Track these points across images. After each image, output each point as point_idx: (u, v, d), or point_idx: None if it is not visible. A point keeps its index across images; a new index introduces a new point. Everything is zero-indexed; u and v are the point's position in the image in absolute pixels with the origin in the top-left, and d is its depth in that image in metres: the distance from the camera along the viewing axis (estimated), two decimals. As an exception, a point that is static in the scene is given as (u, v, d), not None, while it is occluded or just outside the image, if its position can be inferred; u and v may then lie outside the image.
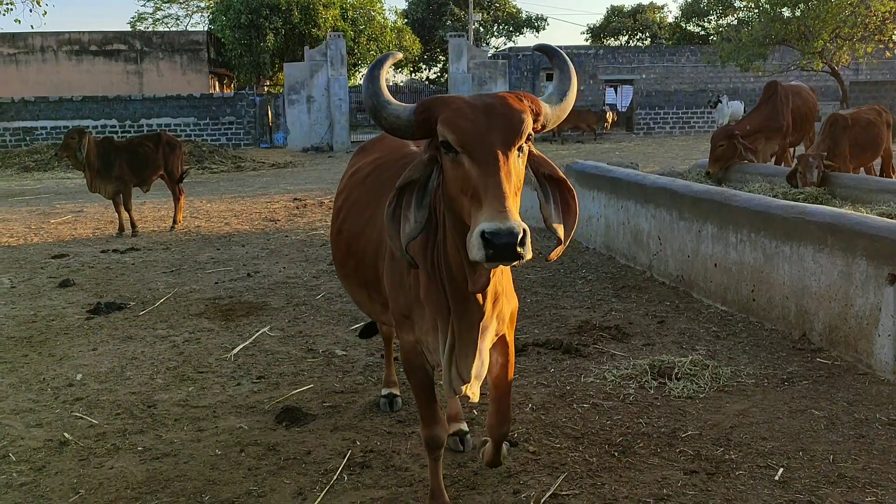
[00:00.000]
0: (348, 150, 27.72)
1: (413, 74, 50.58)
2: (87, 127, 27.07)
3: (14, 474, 3.57)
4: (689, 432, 3.71)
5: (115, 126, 27.79)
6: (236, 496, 3.30)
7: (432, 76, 49.38)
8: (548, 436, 3.75)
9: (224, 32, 31.77)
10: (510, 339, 2.91)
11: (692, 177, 9.04)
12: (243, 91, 30.17)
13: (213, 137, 28.34)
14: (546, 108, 2.40)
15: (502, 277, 2.63)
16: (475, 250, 2.04)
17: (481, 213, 2.07)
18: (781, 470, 3.30)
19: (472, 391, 2.66)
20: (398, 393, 4.23)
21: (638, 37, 49.76)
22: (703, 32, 42.11)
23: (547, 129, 2.44)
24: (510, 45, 48.33)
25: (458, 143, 2.21)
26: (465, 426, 3.73)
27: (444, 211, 2.40)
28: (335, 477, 3.43)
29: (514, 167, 2.19)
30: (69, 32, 31.45)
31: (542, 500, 3.16)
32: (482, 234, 2.02)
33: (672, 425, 3.79)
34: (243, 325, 5.93)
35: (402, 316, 2.86)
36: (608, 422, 3.87)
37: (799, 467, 3.33)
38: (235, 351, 5.26)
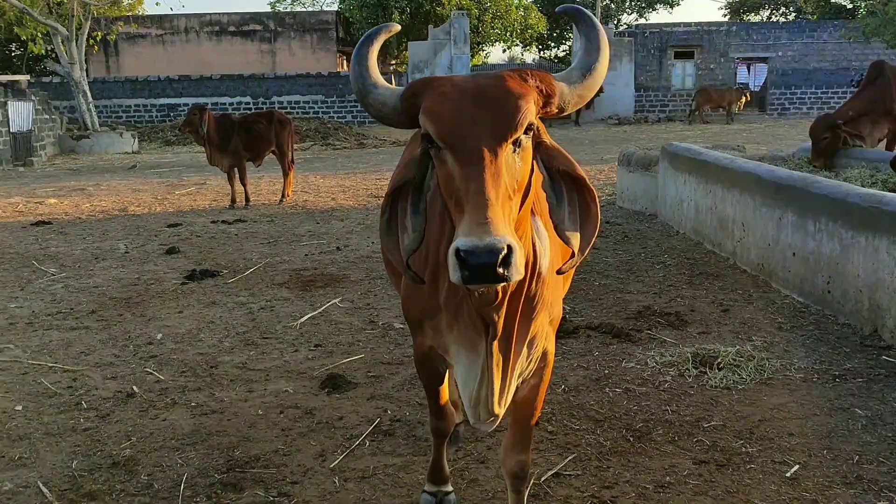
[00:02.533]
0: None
1: (541, 52, 50.10)
2: (225, 104, 28.73)
3: (81, 420, 3.98)
4: (714, 423, 3.65)
5: (249, 103, 29.25)
6: (263, 453, 3.55)
7: (560, 54, 48.70)
8: (570, 417, 3.79)
9: (352, 12, 32.65)
10: (551, 353, 2.49)
11: (792, 162, 8.60)
12: (369, 69, 30.91)
13: (339, 115, 29.32)
14: (562, 88, 1.99)
15: (539, 287, 2.21)
16: (451, 271, 1.72)
17: (461, 224, 1.74)
18: (797, 467, 3.20)
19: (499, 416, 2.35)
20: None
21: (781, 11, 47.05)
22: (850, 6, 39.32)
23: (567, 112, 2.06)
24: (641, 21, 46.85)
25: (438, 136, 1.86)
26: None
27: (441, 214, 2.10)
28: (357, 442, 3.62)
29: (507, 166, 1.80)
30: (210, 14, 33.28)
31: (544, 478, 3.22)
32: (457, 251, 1.68)
33: (698, 415, 3.74)
34: (318, 295, 6.24)
35: (416, 321, 2.54)
36: (634, 407, 3.86)
37: (817, 466, 3.22)
38: (302, 320, 5.56)
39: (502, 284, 1.76)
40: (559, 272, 2.09)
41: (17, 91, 19.82)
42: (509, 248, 1.67)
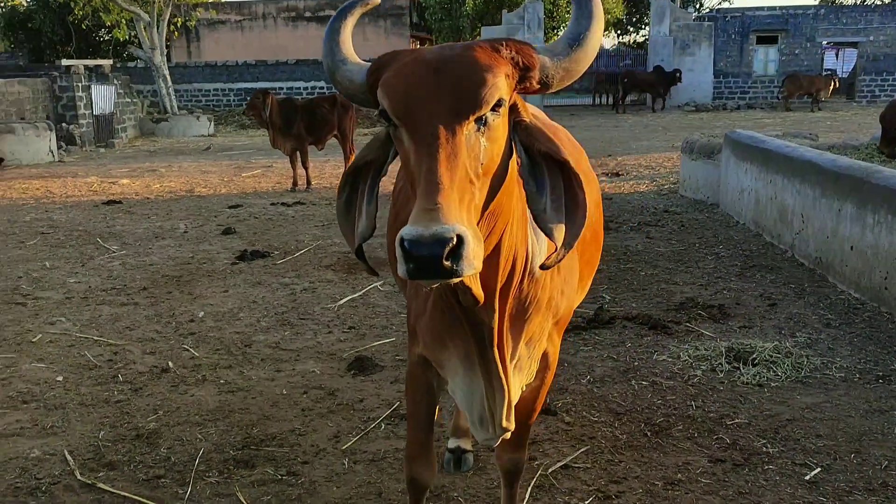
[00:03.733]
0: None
1: (619, 38, 49.14)
2: (299, 88, 29.18)
3: (115, 392, 4.11)
4: (738, 420, 3.51)
5: (322, 87, 29.62)
6: (280, 432, 3.60)
7: (640, 39, 47.64)
8: (590, 408, 3.71)
9: (427, -3, 32.62)
10: (553, 355, 2.30)
11: (863, 151, 8.17)
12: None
13: (412, 100, 29.40)
14: (543, 60, 1.74)
15: (532, 287, 2.02)
16: (398, 263, 1.53)
17: (413, 210, 1.55)
18: (818, 470, 3.05)
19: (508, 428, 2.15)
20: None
21: (880, -8, 44.74)
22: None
23: (554, 89, 1.80)
24: (724, 5, 45.36)
25: (392, 111, 1.67)
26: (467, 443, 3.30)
27: None
28: (373, 425, 3.63)
29: (468, 147, 1.60)
30: (287, 0, 33.79)
31: (552, 469, 3.16)
32: (401, 241, 1.49)
33: (723, 411, 3.60)
34: (361, 278, 6.28)
35: (413, 326, 2.32)
36: (658, 401, 3.75)
37: (841, 470, 3.06)
38: (341, 302, 5.60)
39: (457, 280, 1.53)
40: (542, 267, 1.82)
41: (100, 75, 20.59)
42: (459, 238, 1.47)
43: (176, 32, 27.77)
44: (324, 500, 3.03)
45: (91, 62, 21.36)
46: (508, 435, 2.18)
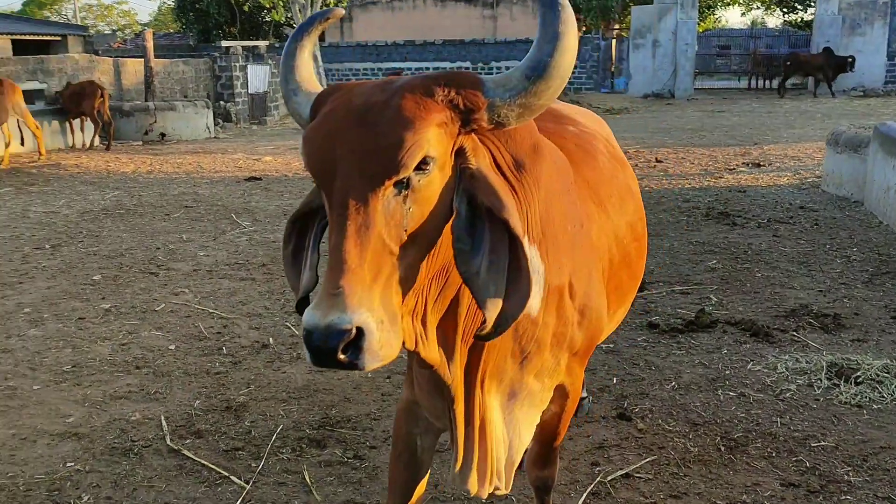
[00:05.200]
0: (690, 97, 26.61)
1: (785, 16, 46.26)
2: (445, 69, 29.56)
3: (217, 364, 4.40)
4: (824, 443, 3.28)
5: (468, 68, 29.83)
6: (356, 415, 3.73)
7: (808, 17, 44.60)
8: (668, 417, 3.59)
9: (577, -24, 32.01)
10: (571, 385, 2.14)
11: None
12: (589, 35, 30.32)
13: (556, 81, 29.07)
14: (492, 100, 1.51)
15: (531, 328, 1.85)
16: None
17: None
18: (902, 506, 2.82)
19: (492, 487, 1.97)
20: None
21: None
22: None
23: (515, 125, 1.57)
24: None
25: (308, 170, 1.52)
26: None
27: None
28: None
29: (385, 216, 1.42)
30: (439, -20, 34.14)
31: (611, 477, 3.10)
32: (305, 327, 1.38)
33: (810, 431, 3.38)
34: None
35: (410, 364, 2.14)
36: (742, 414, 3.57)
37: (929, 508, 2.81)
38: (442, 288, 5.69)
39: (358, 371, 1.39)
40: (478, 338, 1.56)
41: (256, 56, 21.72)
42: (359, 330, 1.34)
43: (328, 14, 28.69)
44: (382, 485, 3.12)
45: (248, 43, 22.55)
46: (502, 483, 1.98)
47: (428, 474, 2.22)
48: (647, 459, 3.22)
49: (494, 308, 1.49)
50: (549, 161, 1.87)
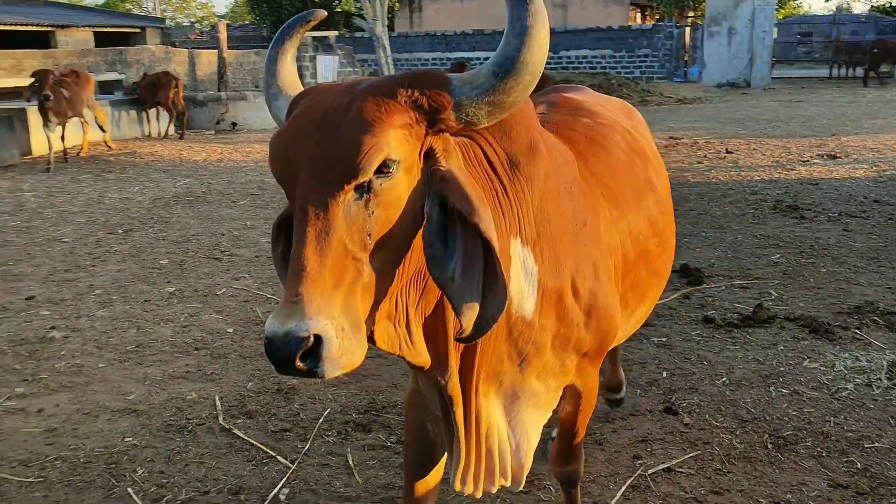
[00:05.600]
0: (767, 86, 25.84)
1: (874, 1, 44.36)
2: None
3: (271, 347, 4.51)
4: (879, 444, 3.17)
5: (537, 57, 29.64)
6: (402, 401, 3.77)
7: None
8: (716, 412, 3.52)
9: (651, -37, 31.38)
10: (583, 386, 2.10)
11: None
12: (662, 23, 29.71)
13: (627, 70, 28.59)
14: (458, 98, 1.46)
15: (527, 331, 1.82)
16: None
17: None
18: (957, 512, 2.71)
19: (496, 487, 1.97)
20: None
21: None
22: None
23: (486, 124, 1.51)
24: None
25: (274, 176, 1.50)
26: (617, 395, 3.55)
27: None
28: (490, 404, 3.71)
29: (346, 221, 1.39)
30: (509, -31, 33.86)
31: (652, 470, 3.07)
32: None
33: (864, 432, 3.27)
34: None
35: None
36: (793, 412, 3.48)
37: None
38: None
39: (317, 378, 1.37)
40: (458, 340, 1.52)
41: (325, 46, 22.02)
42: (317, 338, 1.32)
43: (397, 4, 28.93)
44: (423, 471, 3.16)
45: (317, 33, 22.86)
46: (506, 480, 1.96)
47: (443, 460, 2.22)
48: (691, 454, 3.17)
49: (471, 312, 1.45)
50: (548, 159, 1.83)
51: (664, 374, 3.94)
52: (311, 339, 1.31)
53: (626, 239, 2.19)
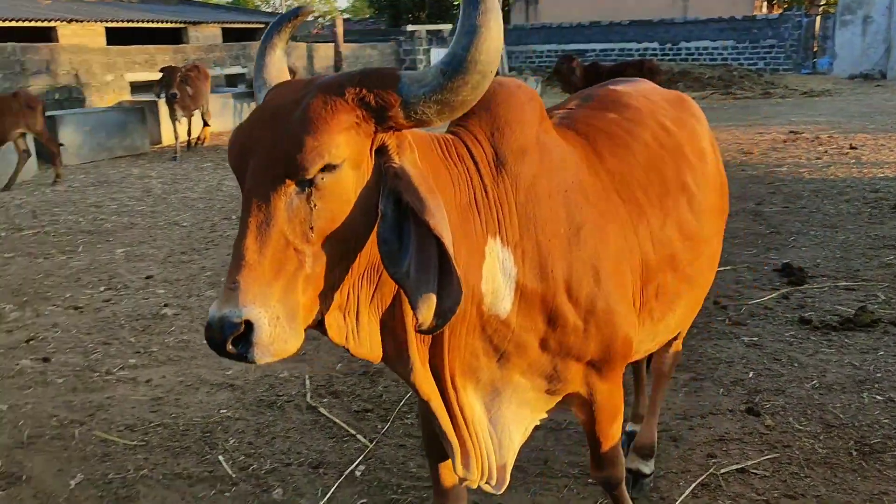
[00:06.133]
0: (909, 77, 24.22)
1: None
2: (630, 50, 28.82)
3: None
4: (975, 458, 3.00)
5: (655, 49, 28.93)
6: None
7: None
8: (801, 415, 3.42)
9: (780, -52, 29.95)
10: (591, 396, 2.03)
11: None
12: (789, 12, 28.35)
13: (750, 61, 27.47)
14: (405, 97, 1.45)
15: (505, 331, 1.82)
16: None
17: None
18: None
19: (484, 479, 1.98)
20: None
21: None
22: None
23: (440, 123, 1.51)
24: None
25: (231, 169, 1.55)
26: (645, 466, 2.98)
27: None
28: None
29: (288, 214, 1.42)
30: (628, -42, 33.19)
31: (724, 470, 3.02)
32: None
33: (960, 445, 3.10)
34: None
35: None
36: (885, 419, 3.33)
37: None
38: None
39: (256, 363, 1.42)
40: (418, 331, 1.52)
41: (440, 39, 22.30)
42: (249, 325, 1.37)
43: (513, -4, 28.85)
44: (494, 457, 3.23)
45: (432, 27, 23.19)
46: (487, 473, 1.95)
47: None
48: (768, 456, 3.10)
49: (427, 307, 1.45)
50: (540, 161, 1.83)
51: (750, 375, 3.85)
52: (243, 325, 1.37)
53: (647, 242, 2.10)
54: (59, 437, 3.51)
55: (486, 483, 1.97)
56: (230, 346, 1.38)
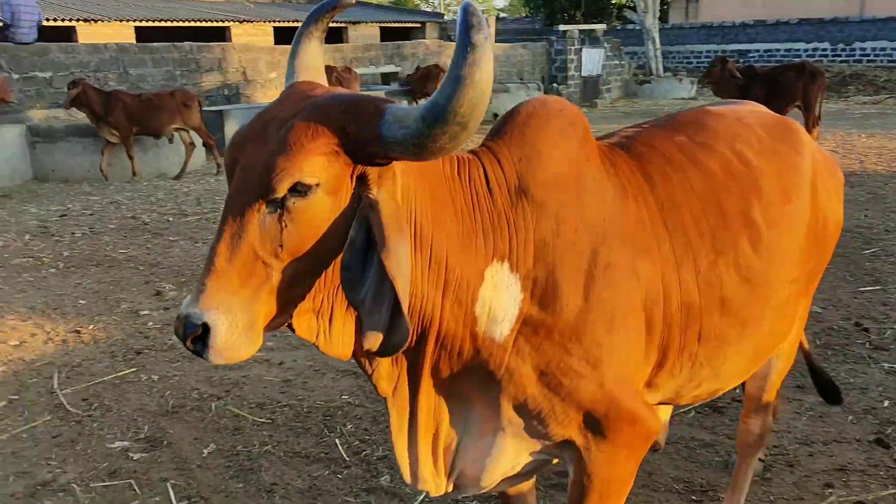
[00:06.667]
0: None
1: None
2: (798, 51, 27.28)
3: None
4: None
5: (825, 50, 27.26)
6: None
7: None
8: (937, 452, 3.19)
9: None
10: (589, 453, 1.87)
11: None
12: None
13: (934, 64, 25.31)
14: (386, 133, 1.43)
15: (497, 353, 1.75)
16: None
17: None
18: None
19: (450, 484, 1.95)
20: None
21: None
22: None
23: (429, 159, 1.46)
24: None
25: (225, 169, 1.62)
26: None
27: None
28: (683, 410, 3.67)
29: (258, 228, 1.47)
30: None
31: (842, 501, 2.88)
32: None
33: None
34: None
35: None
36: None
37: None
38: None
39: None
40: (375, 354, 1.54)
41: (592, 39, 22.02)
42: (205, 327, 1.45)
43: (672, -5, 28.00)
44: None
45: (585, 27, 22.95)
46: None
47: None
48: (892, 491, 2.92)
49: (374, 338, 1.49)
50: (571, 193, 1.78)
51: (886, 403, 3.62)
52: (200, 329, 1.45)
53: (691, 281, 1.94)
54: (199, 408, 3.85)
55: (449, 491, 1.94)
56: (189, 344, 1.47)
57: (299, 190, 1.45)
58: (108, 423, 3.71)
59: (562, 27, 21.81)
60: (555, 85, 20.58)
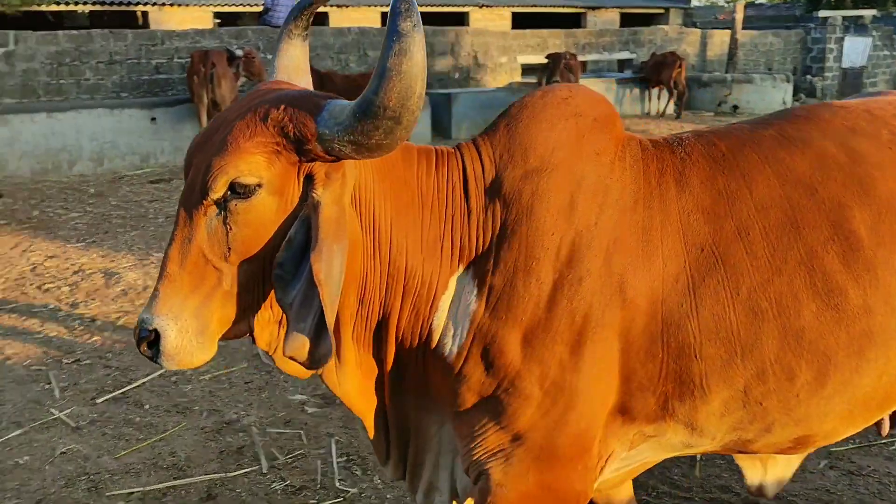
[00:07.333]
0: None
1: None
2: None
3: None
4: None
5: None
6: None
7: None
8: None
9: None
10: (500, 489, 1.66)
11: None
12: None
13: None
14: (321, 131, 1.39)
15: (437, 365, 1.66)
16: None
17: None
18: None
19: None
20: None
21: None
22: None
23: (369, 156, 1.42)
24: None
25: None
26: None
27: None
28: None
29: (206, 231, 1.46)
30: None
31: None
32: None
33: None
34: None
35: None
36: None
37: None
38: None
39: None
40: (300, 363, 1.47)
41: (858, 26, 19.91)
42: (158, 333, 1.45)
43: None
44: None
45: (850, 12, 20.80)
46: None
47: None
48: None
49: (299, 345, 1.40)
50: (551, 190, 1.59)
51: None
52: (152, 335, 1.45)
53: (716, 302, 1.60)
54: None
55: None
56: (143, 348, 1.48)
57: (239, 191, 1.43)
58: (293, 377, 3.99)
59: (822, 13, 19.94)
60: (808, 77, 18.92)
